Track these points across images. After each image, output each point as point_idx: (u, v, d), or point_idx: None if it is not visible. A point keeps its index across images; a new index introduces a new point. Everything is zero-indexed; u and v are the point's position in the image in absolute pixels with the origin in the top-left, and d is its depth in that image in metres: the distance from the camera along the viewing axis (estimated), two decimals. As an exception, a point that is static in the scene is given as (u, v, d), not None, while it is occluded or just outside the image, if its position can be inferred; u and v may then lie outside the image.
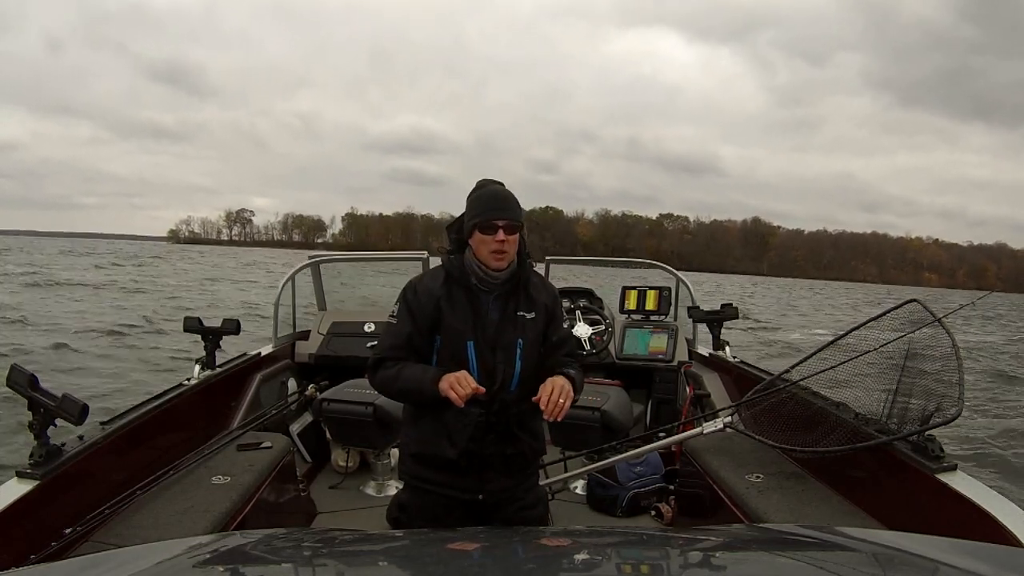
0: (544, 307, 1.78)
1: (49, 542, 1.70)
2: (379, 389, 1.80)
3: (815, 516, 1.97)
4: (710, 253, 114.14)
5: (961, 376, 1.89)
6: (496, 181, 1.76)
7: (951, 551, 0.93)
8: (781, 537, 1.18)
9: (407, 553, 1.07)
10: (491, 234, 1.66)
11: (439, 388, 1.62)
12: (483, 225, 1.66)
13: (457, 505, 1.77)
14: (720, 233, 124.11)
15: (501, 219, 1.66)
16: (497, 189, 1.72)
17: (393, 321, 1.76)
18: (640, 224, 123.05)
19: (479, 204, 1.69)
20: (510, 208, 1.68)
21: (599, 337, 3.84)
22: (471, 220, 1.69)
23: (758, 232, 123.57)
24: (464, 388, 1.60)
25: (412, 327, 1.72)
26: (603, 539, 1.23)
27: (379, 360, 1.75)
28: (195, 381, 2.76)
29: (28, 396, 1.81)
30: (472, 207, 1.70)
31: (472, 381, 1.61)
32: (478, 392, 1.61)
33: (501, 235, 1.65)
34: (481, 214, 1.67)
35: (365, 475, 3.30)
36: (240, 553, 1.02)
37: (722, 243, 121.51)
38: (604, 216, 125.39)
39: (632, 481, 2.97)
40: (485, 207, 1.68)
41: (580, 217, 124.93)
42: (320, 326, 3.96)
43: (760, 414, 2.45)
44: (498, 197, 1.69)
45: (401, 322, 1.74)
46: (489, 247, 1.66)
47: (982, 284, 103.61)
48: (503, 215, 1.66)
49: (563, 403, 1.64)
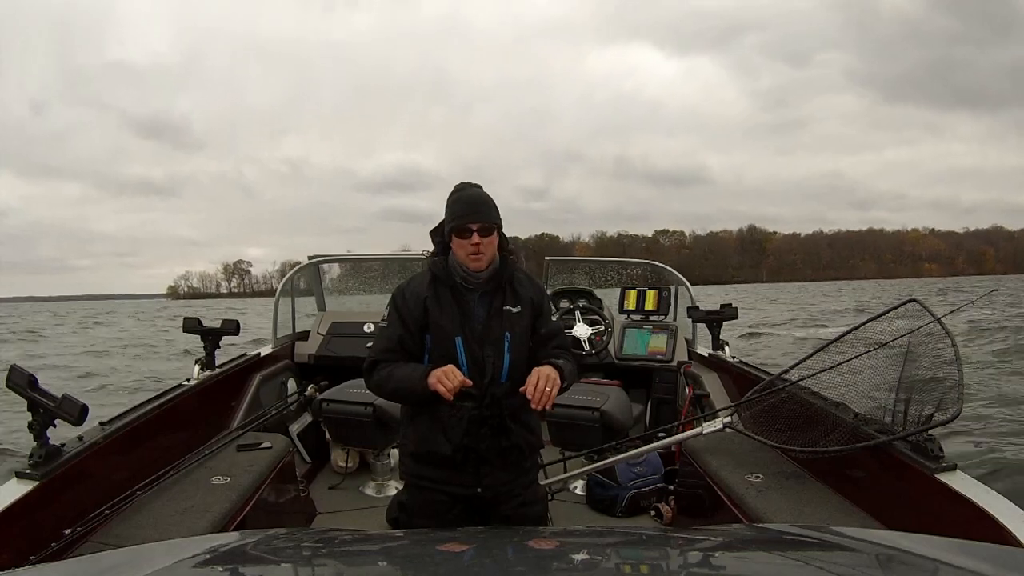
0: (530, 301, 1.82)
1: (49, 542, 1.70)
2: (375, 392, 1.83)
3: (815, 516, 1.97)
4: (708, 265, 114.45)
5: (960, 376, 1.89)
6: (474, 184, 1.82)
7: (951, 551, 0.93)
8: (781, 537, 1.18)
9: (407, 553, 1.07)
10: (467, 237, 1.72)
11: (428, 384, 1.66)
12: (458, 229, 1.72)
13: (456, 501, 1.79)
14: (717, 244, 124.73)
15: (475, 223, 1.71)
16: (472, 193, 1.77)
17: (384, 325, 1.81)
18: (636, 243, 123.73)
19: (455, 209, 1.75)
20: (484, 211, 1.74)
21: (599, 337, 3.84)
22: (448, 225, 1.75)
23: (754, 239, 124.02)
24: (451, 381, 1.64)
25: (402, 329, 1.77)
26: (603, 539, 1.23)
27: (373, 363, 1.80)
28: (195, 381, 2.77)
29: (28, 397, 1.81)
30: (448, 212, 1.76)
31: (459, 374, 1.66)
32: (465, 384, 1.66)
33: (476, 238, 1.71)
34: (456, 219, 1.73)
35: (365, 475, 3.30)
36: (240, 553, 1.02)
37: (719, 254, 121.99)
38: (600, 238, 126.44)
39: (632, 481, 2.97)
40: (459, 212, 1.74)
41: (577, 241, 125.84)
42: (319, 326, 3.96)
43: (760, 414, 2.45)
44: (472, 202, 1.75)
45: (391, 325, 1.79)
46: (466, 250, 1.72)
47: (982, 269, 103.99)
48: (476, 219, 1.72)
49: (549, 391, 1.66)
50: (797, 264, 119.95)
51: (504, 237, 1.79)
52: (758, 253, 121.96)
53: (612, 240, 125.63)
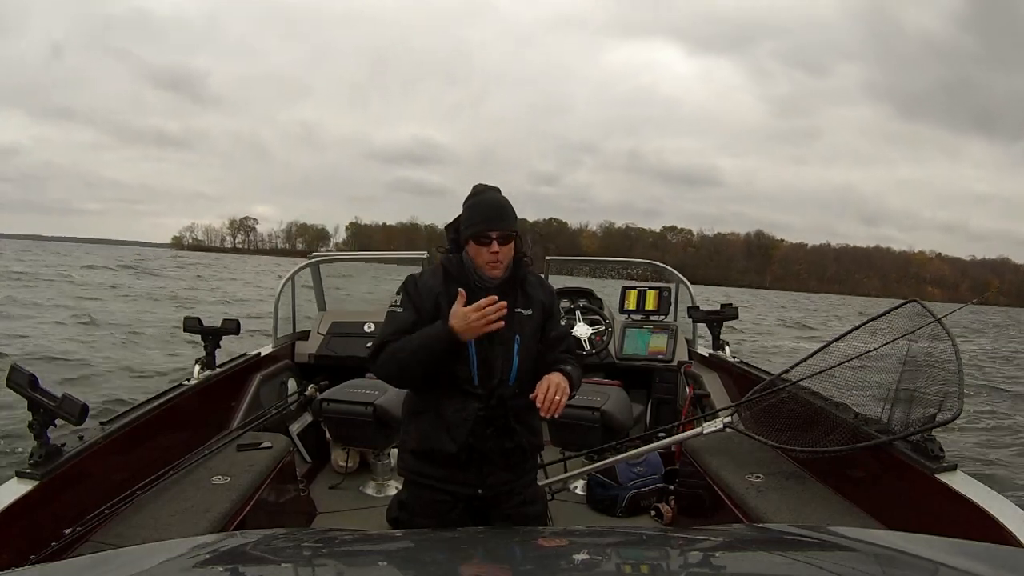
0: (541, 304, 1.81)
1: (49, 542, 1.70)
2: (383, 368, 1.74)
3: (815, 516, 1.97)
4: (713, 266, 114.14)
5: (961, 376, 1.89)
6: (492, 187, 1.79)
7: (951, 551, 0.93)
8: (781, 537, 1.18)
9: (407, 553, 1.07)
10: (486, 245, 1.69)
11: (453, 328, 1.62)
12: (478, 236, 1.69)
13: (457, 500, 1.78)
14: (723, 246, 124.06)
15: (495, 230, 1.68)
16: (492, 198, 1.74)
17: (397, 309, 1.75)
18: (644, 237, 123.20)
19: (474, 214, 1.71)
20: (504, 218, 1.71)
21: (599, 337, 3.84)
22: (466, 230, 1.72)
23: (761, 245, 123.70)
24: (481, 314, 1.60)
25: (416, 315, 1.73)
26: (603, 539, 1.23)
27: (383, 343, 1.72)
28: (195, 381, 2.77)
29: (28, 396, 1.81)
30: (468, 216, 1.73)
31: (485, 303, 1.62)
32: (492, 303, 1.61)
33: (495, 246, 1.68)
34: (476, 225, 1.70)
35: (365, 475, 3.30)
36: (240, 553, 1.02)
37: (725, 256, 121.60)
38: (608, 228, 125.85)
39: (632, 481, 2.97)
40: (480, 218, 1.70)
41: (584, 229, 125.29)
42: (320, 326, 3.96)
43: (760, 414, 2.45)
44: (493, 207, 1.72)
45: (406, 310, 1.74)
46: (484, 258, 1.70)
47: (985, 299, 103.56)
48: (497, 226, 1.69)
49: (559, 400, 1.65)
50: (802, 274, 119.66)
51: (520, 240, 1.75)
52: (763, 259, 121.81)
53: (619, 232, 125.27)
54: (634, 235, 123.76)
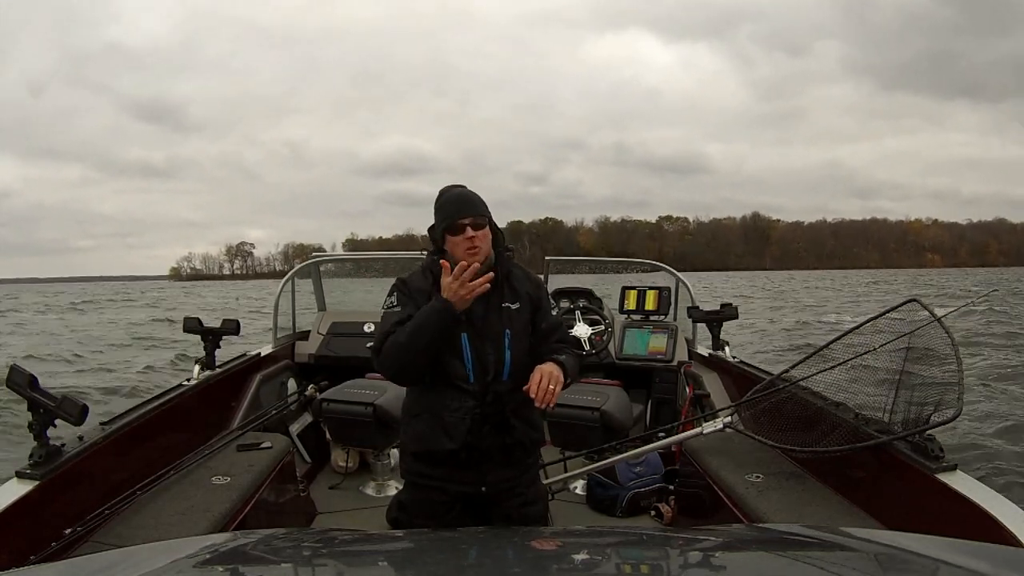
0: (528, 296, 1.82)
1: (49, 542, 1.70)
2: (387, 359, 1.73)
3: (815, 516, 1.97)
4: (711, 252, 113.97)
5: (961, 376, 1.89)
6: (458, 185, 1.82)
7: (951, 551, 0.93)
8: (781, 537, 1.18)
9: (407, 553, 1.07)
10: (460, 234, 1.71)
11: (447, 298, 1.65)
12: (451, 227, 1.73)
13: (458, 499, 1.78)
14: (720, 231, 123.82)
15: (465, 217, 1.72)
16: (457, 192, 1.78)
17: (395, 308, 1.76)
18: (640, 228, 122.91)
19: (443, 210, 1.75)
20: (472, 205, 1.74)
21: (599, 337, 3.84)
22: (440, 226, 1.75)
23: (758, 227, 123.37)
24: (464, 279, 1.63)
25: (415, 310, 1.73)
26: (603, 539, 1.23)
27: (385, 335, 1.73)
28: (195, 381, 2.77)
29: (28, 397, 1.81)
30: (438, 214, 1.76)
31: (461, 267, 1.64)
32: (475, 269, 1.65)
33: (469, 232, 1.71)
34: (446, 218, 1.73)
35: (365, 475, 3.30)
36: (240, 553, 1.02)
37: (723, 241, 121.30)
38: (604, 223, 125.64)
39: (632, 481, 2.97)
40: (449, 211, 1.74)
41: (580, 226, 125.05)
42: (320, 326, 3.97)
43: (760, 414, 2.45)
44: (460, 198, 1.76)
45: (404, 307, 1.76)
46: (461, 247, 1.72)
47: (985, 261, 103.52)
48: (467, 212, 1.72)
49: (553, 389, 1.66)
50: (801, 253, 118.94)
51: (499, 232, 1.79)
52: (761, 241, 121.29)
53: (616, 225, 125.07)
54: (631, 227, 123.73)
